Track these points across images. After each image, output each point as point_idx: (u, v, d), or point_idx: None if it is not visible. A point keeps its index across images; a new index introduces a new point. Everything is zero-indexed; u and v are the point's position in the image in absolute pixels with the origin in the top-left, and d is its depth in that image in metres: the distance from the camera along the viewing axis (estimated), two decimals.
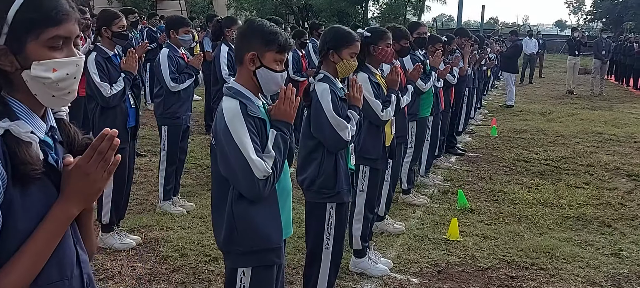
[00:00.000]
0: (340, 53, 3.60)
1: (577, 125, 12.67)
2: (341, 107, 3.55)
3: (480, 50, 12.25)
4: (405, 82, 5.48)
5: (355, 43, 3.64)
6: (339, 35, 3.65)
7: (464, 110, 10.34)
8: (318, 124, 3.50)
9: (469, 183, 7.71)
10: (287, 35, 2.70)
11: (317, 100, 3.50)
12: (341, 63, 3.61)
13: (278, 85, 2.70)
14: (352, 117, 3.55)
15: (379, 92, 4.46)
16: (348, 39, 3.63)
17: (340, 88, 3.69)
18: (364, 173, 4.55)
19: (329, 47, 3.62)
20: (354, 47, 3.64)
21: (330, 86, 3.54)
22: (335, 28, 3.76)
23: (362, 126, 4.32)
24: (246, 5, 36.62)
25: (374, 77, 4.48)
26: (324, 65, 3.67)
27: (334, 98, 3.51)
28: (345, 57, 3.61)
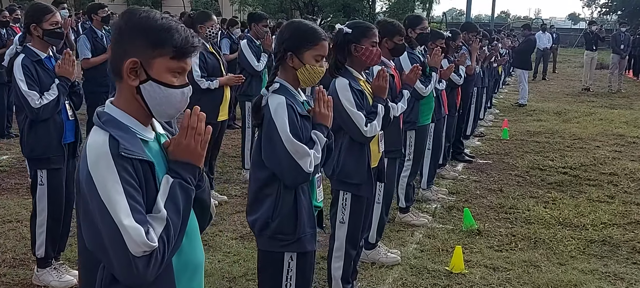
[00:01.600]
0: (301, 56, 2.76)
1: (595, 127, 11.73)
2: (303, 127, 2.71)
3: (490, 46, 11.35)
4: (400, 86, 4.63)
5: (320, 42, 2.79)
6: (299, 32, 2.81)
7: (472, 112, 9.44)
8: (271, 149, 2.66)
9: (477, 197, 6.83)
10: (188, 33, 1.85)
11: (270, 119, 2.67)
12: (303, 69, 2.76)
13: (176, 107, 1.87)
14: (317, 141, 2.70)
15: (362, 101, 3.61)
16: (311, 37, 2.79)
17: (304, 101, 2.85)
18: (344, 201, 3.71)
19: (287, 48, 2.78)
20: (320, 48, 2.79)
21: (287, 100, 2.70)
22: (295, 24, 2.91)
23: (342, 144, 3.49)
24: (250, 2, 35.73)
25: (356, 83, 3.64)
26: (280, 71, 2.82)
27: (293, 115, 2.67)
28: (308, 61, 2.76)
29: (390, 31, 4.58)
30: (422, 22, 5.64)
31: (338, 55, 3.62)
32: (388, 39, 4.57)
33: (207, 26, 5.91)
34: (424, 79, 5.44)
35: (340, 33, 3.63)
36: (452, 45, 7.31)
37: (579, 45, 41.41)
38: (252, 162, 2.82)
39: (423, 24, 5.62)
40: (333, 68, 3.63)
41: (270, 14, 34.31)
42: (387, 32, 4.57)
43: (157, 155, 1.84)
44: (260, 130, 2.73)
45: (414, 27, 5.58)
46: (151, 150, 1.84)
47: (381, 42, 4.54)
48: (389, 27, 4.59)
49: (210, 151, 6.15)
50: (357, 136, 3.56)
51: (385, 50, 4.61)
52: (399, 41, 4.59)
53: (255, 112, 2.74)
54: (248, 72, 6.90)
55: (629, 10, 50.87)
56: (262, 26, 7.07)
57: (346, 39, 3.62)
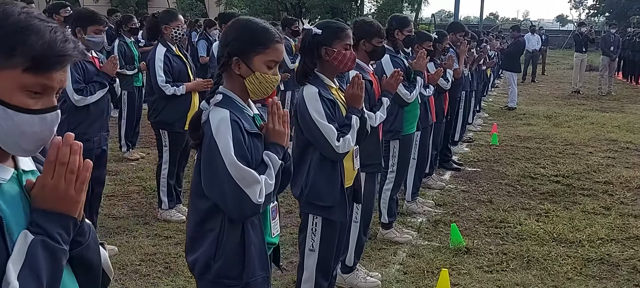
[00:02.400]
0: (249, 61, 2.30)
1: (587, 131, 11.37)
2: (252, 147, 2.25)
3: (479, 48, 10.96)
4: (379, 93, 4.20)
5: (273, 45, 2.33)
6: (247, 33, 2.34)
7: (460, 117, 9.04)
8: (212, 175, 2.21)
9: (466, 209, 6.41)
10: (56, 35, 1.32)
11: (211, 138, 2.20)
12: (252, 77, 2.30)
13: (33, 139, 1.31)
14: (270, 164, 2.25)
15: (334, 112, 3.17)
16: (262, 38, 2.32)
17: (256, 115, 2.40)
18: (314, 225, 3.27)
19: (232, 52, 2.31)
20: (273, 52, 2.33)
21: (232, 114, 2.24)
22: (242, 22, 2.42)
23: (311, 161, 3.05)
24: (236, 2, 35.24)
25: (327, 92, 3.20)
26: (225, 79, 2.36)
27: (239, 134, 2.21)
28: (258, 68, 2.31)
29: (369, 32, 4.15)
30: (409, 24, 5.21)
31: (306, 60, 3.19)
32: (366, 41, 4.15)
33: (173, 27, 5.44)
34: (408, 84, 5.02)
35: (308, 34, 3.20)
36: (438, 48, 6.90)
37: (567, 46, 41.33)
38: (191, 191, 2.35)
39: (410, 26, 5.19)
40: (301, 74, 3.20)
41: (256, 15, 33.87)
42: (364, 33, 4.15)
43: (13, 202, 1.32)
44: (199, 151, 2.27)
45: (402, 29, 5.15)
46: (4, 196, 1.32)
47: (358, 44, 4.12)
48: (367, 28, 4.16)
49: (177, 163, 5.70)
50: (328, 152, 3.13)
51: (362, 54, 4.19)
52: (377, 43, 4.16)
53: (193, 129, 2.27)
54: None
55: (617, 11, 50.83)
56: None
57: (315, 41, 3.18)
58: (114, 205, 6.05)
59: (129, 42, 7.99)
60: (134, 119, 7.94)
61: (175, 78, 5.43)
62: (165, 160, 5.60)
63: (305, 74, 3.18)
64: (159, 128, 5.56)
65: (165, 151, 5.59)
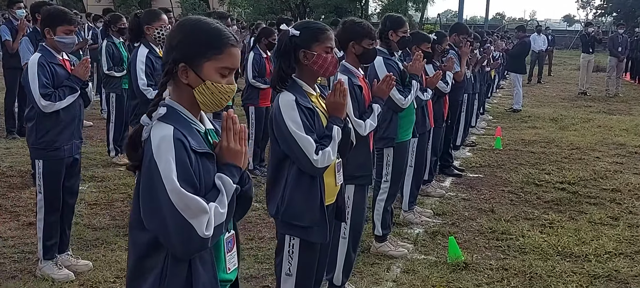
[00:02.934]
0: (199, 68, 1.99)
1: (594, 135, 11.02)
2: (201, 170, 1.94)
3: (482, 48, 10.63)
4: (369, 99, 3.89)
5: (228, 50, 2.02)
6: (196, 34, 2.02)
7: (462, 121, 8.71)
8: (151, 203, 1.89)
9: (466, 219, 6.09)
10: None
11: (151, 159, 1.89)
12: (202, 87, 1.99)
13: None
14: (223, 189, 1.94)
15: (313, 122, 2.87)
16: (215, 41, 2.01)
17: (210, 130, 2.10)
18: (291, 247, 2.96)
19: (178, 57, 2.00)
20: (227, 58, 2.01)
21: (175, 131, 1.92)
22: (191, 22, 2.08)
23: (288, 176, 2.75)
24: (240, 2, 34.98)
25: (305, 99, 2.89)
26: (171, 90, 2.05)
27: (183, 155, 1.89)
28: (209, 76, 1.99)
29: (358, 33, 3.85)
30: (404, 24, 4.89)
31: (283, 64, 2.88)
32: (355, 43, 3.85)
33: (156, 27, 5.15)
34: (403, 88, 4.71)
35: (285, 36, 2.89)
36: (437, 49, 6.59)
37: (574, 47, 40.87)
38: (129, 221, 2.04)
39: (405, 27, 4.87)
40: (276, 80, 2.90)
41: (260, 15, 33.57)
42: (353, 34, 3.85)
43: None
44: (138, 175, 1.96)
45: (396, 29, 4.84)
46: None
47: (347, 46, 3.82)
48: (357, 29, 3.86)
49: None
50: (306, 166, 2.82)
51: (352, 57, 3.89)
52: (368, 45, 3.86)
53: (131, 148, 1.96)
54: None
55: (625, 12, 50.28)
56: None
57: (293, 43, 2.88)
58: (95, 214, 5.76)
59: (118, 43, 7.71)
60: (123, 122, 7.64)
61: (157, 81, 5.12)
62: None
63: (282, 79, 2.88)
64: None
65: None
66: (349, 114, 3.67)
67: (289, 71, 2.88)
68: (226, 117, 1.97)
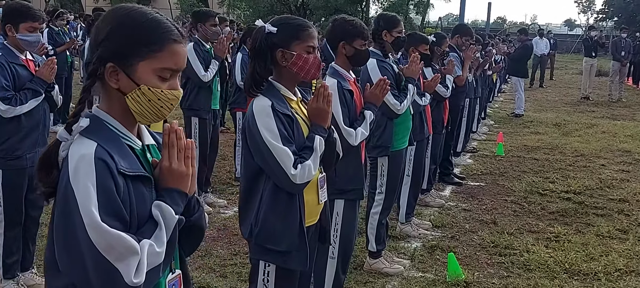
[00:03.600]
0: (131, 70, 1.60)
1: (598, 141, 10.66)
2: (132, 197, 1.55)
3: (484, 52, 10.27)
4: (361, 105, 3.54)
5: (169, 46, 1.62)
6: (128, 27, 1.61)
7: (463, 127, 8.36)
8: (67, 242, 1.49)
9: (466, 232, 5.73)
10: None
11: (67, 184, 1.49)
12: (136, 93, 1.61)
13: None
14: (161, 222, 1.56)
15: (291, 131, 2.51)
16: (150, 35, 1.61)
17: (150, 146, 1.74)
18: (266, 275, 2.60)
19: (106, 54, 1.60)
20: (169, 56, 1.62)
21: (99, 149, 1.53)
22: (123, 12, 1.64)
23: (263, 193, 2.40)
24: (239, 4, 34.62)
25: (283, 105, 2.53)
26: (101, 99, 1.66)
27: (107, 179, 1.49)
28: (145, 79, 1.60)
29: (350, 33, 3.50)
30: (399, 24, 4.53)
31: (258, 65, 2.52)
32: (346, 43, 3.50)
33: None
34: (399, 92, 4.36)
35: (260, 33, 2.54)
36: (437, 51, 6.24)
37: (575, 51, 40.53)
38: (44, 260, 1.65)
39: (400, 26, 4.52)
40: (250, 83, 2.54)
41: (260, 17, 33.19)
42: (344, 34, 3.50)
43: None
44: (54, 204, 1.59)
45: (390, 29, 4.48)
46: None
47: (338, 46, 3.47)
48: (348, 28, 3.50)
49: None
50: (283, 182, 2.46)
51: (342, 58, 3.54)
52: (360, 46, 3.51)
53: (43, 170, 1.56)
54: (194, 83, 5.81)
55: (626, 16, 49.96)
56: (210, 26, 5.94)
57: (269, 41, 2.52)
58: None
59: None
60: None
61: None
62: None
63: (257, 82, 2.52)
64: None
65: None
66: (337, 121, 3.32)
67: (264, 73, 2.52)
68: (167, 131, 1.61)
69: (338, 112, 3.35)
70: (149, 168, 1.65)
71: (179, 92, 1.66)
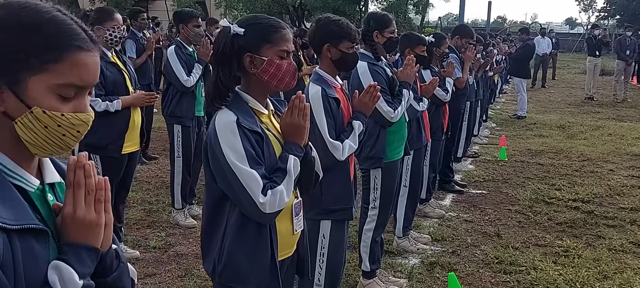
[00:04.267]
0: (21, 90, 1.19)
1: (605, 144, 10.27)
2: (18, 257, 1.13)
3: (485, 52, 9.89)
4: (349, 115, 3.16)
5: (72, 55, 1.21)
6: (14, 30, 1.18)
7: (464, 131, 7.96)
8: None
9: (468, 246, 5.34)
10: None
11: None
12: (26, 120, 1.20)
13: None
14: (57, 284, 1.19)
15: (261, 150, 2.12)
16: (45, 42, 1.19)
17: (55, 184, 1.35)
18: None
19: None
20: (70, 69, 1.21)
21: None
22: (11, 10, 1.21)
23: (228, 222, 2.02)
24: (236, 5, 34.25)
25: (251, 120, 2.14)
26: None
27: None
28: (39, 100, 1.20)
29: (335, 34, 3.11)
30: (391, 24, 4.14)
31: (222, 73, 2.14)
32: (331, 46, 3.11)
33: (107, 28, 4.42)
34: (393, 98, 3.97)
35: (224, 35, 2.15)
36: (436, 53, 5.86)
37: (577, 50, 40.14)
38: None
39: (392, 26, 4.12)
40: (213, 94, 2.15)
41: None
42: (329, 35, 3.12)
43: None
44: None
45: (382, 30, 4.08)
46: None
47: (322, 49, 3.08)
48: (333, 29, 3.12)
49: (114, 196, 4.67)
50: (250, 211, 2.08)
51: (327, 62, 3.16)
52: (347, 49, 3.12)
53: None
54: (176, 89, 5.44)
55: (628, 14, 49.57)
56: (193, 27, 5.56)
57: (236, 45, 2.13)
58: None
59: None
60: None
61: (108, 90, 4.41)
62: None
63: (220, 93, 2.13)
64: (89, 153, 4.52)
65: None
66: (322, 133, 2.94)
67: (230, 82, 2.13)
68: (72, 167, 1.22)
69: (322, 123, 2.97)
70: (49, 214, 1.26)
71: (88, 115, 1.26)
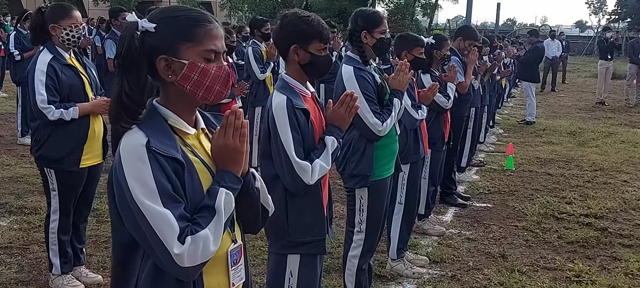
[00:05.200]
0: None
1: (618, 152, 9.71)
2: None
3: (492, 55, 9.35)
4: (321, 130, 2.66)
5: None
6: None
7: (468, 139, 7.43)
8: None
9: (470, 269, 4.83)
10: None
11: None
12: None
13: None
14: None
15: (182, 182, 1.61)
16: None
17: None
18: None
19: None
20: None
21: None
22: None
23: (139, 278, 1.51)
24: (241, 6, 33.82)
25: (168, 144, 1.63)
26: None
27: None
28: None
29: (304, 34, 2.61)
30: (382, 22, 3.62)
31: (127, 83, 1.63)
32: (299, 48, 2.61)
33: (64, 26, 3.94)
34: (382, 108, 3.46)
35: (129, 33, 1.64)
36: (436, 55, 5.35)
37: (587, 53, 39.45)
38: None
39: (383, 25, 3.60)
40: (118, 110, 1.65)
41: None
42: (297, 35, 2.62)
43: None
44: None
45: (371, 30, 3.57)
46: None
47: (288, 52, 2.58)
48: (301, 27, 2.61)
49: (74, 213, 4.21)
50: (164, 263, 1.57)
51: (295, 67, 2.65)
52: (318, 50, 2.62)
53: None
54: None
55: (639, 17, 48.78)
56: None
57: (147, 45, 1.63)
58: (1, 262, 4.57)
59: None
60: None
61: (64, 96, 3.93)
62: (55, 210, 4.10)
63: (126, 109, 1.63)
64: (43, 166, 4.06)
65: (54, 197, 4.08)
66: (287, 151, 2.45)
67: (137, 95, 1.63)
68: None
69: (288, 139, 2.48)
70: None
71: None
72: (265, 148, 2.61)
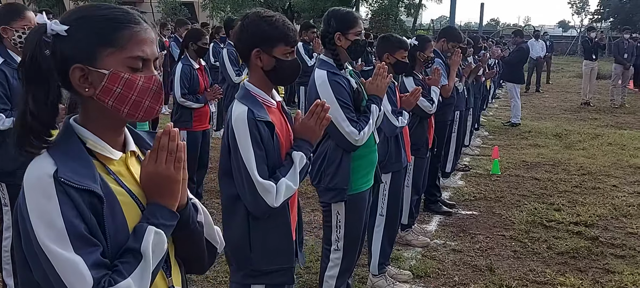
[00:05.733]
0: None
1: (605, 155, 9.50)
2: None
3: (477, 56, 9.11)
4: (288, 145, 2.36)
5: None
6: None
7: (453, 143, 7.17)
8: None
9: (455, 285, 4.55)
10: None
11: None
12: None
13: None
14: None
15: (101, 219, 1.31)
16: None
17: None
18: None
19: None
20: None
21: None
22: None
23: None
24: (222, 6, 33.38)
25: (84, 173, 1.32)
26: None
27: None
28: None
29: (267, 36, 2.31)
30: (356, 23, 3.31)
31: (33, 99, 1.33)
32: (262, 52, 2.30)
33: (16, 28, 3.61)
34: (359, 115, 3.17)
35: (35, 39, 1.32)
36: (419, 58, 5.08)
37: (570, 53, 39.50)
38: None
39: (358, 26, 3.30)
40: (20, 134, 1.35)
41: None
42: (260, 37, 2.31)
43: None
44: None
45: (345, 31, 3.26)
46: None
47: (250, 56, 2.28)
48: (264, 29, 2.30)
49: None
50: None
51: (257, 73, 2.35)
52: (284, 55, 2.31)
53: None
54: None
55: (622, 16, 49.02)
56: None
57: (59, 54, 1.32)
58: None
59: None
60: None
61: (15, 104, 3.60)
62: (7, 227, 3.77)
63: (33, 131, 1.33)
64: None
65: (7, 213, 3.75)
66: (249, 171, 2.14)
67: (46, 113, 1.32)
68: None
69: (249, 156, 2.18)
70: None
71: None
72: (225, 166, 2.31)
